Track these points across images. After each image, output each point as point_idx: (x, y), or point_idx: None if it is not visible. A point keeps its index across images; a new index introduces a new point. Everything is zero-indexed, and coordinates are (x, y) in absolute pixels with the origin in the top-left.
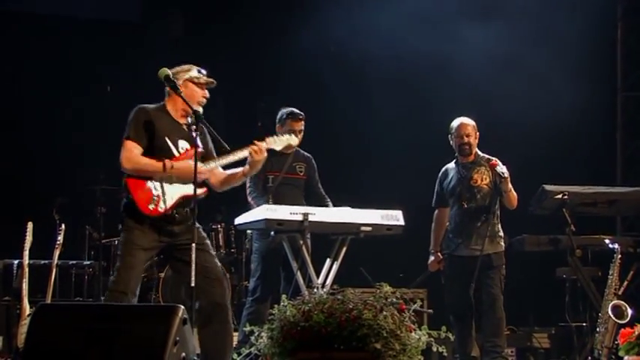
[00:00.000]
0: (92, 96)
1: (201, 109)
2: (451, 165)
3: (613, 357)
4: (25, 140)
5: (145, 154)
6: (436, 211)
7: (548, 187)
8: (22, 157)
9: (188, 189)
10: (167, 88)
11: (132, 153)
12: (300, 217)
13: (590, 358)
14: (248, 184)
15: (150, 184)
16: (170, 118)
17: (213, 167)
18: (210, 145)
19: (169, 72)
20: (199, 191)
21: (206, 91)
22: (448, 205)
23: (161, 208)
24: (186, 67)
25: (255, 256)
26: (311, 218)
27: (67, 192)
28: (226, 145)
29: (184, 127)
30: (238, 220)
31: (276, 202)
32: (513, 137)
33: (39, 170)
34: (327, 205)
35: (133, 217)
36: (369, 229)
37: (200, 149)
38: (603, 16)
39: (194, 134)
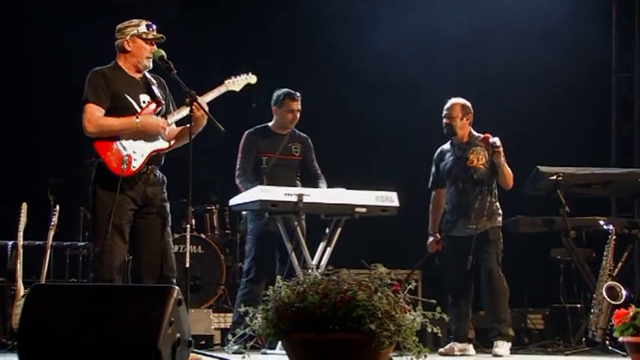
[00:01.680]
0: (85, 77)
1: (162, 53)
2: (446, 146)
3: (607, 338)
4: (19, 121)
5: (107, 114)
6: (433, 193)
7: (542, 169)
8: (16, 138)
9: (158, 144)
10: (118, 43)
11: (93, 115)
12: (294, 198)
13: (584, 339)
14: (237, 166)
15: (118, 144)
16: (125, 75)
17: (171, 122)
18: (170, 97)
19: (163, 53)
20: (165, 145)
21: (154, 46)
22: (445, 186)
23: (134, 167)
24: (135, 21)
25: (249, 237)
26: (305, 199)
27: (62, 173)
28: (190, 92)
29: (140, 80)
30: (233, 201)
31: (270, 183)
32: (508, 118)
33: (33, 151)
34: (319, 184)
35: (106, 187)
36: (363, 210)
37: (162, 103)
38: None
39: (155, 90)
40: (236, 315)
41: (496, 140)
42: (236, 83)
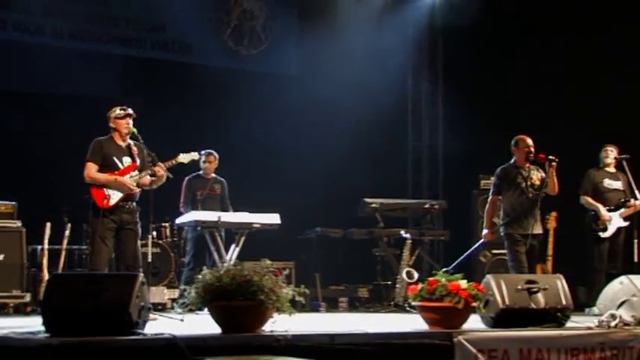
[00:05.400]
0: (89, 142)
1: (134, 130)
2: (509, 167)
3: (407, 303)
4: (46, 168)
5: (101, 168)
6: (494, 198)
7: (366, 200)
8: (42, 179)
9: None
10: (110, 124)
11: (90, 170)
12: (216, 218)
13: (392, 303)
14: (182, 200)
15: (104, 188)
16: (115, 144)
17: (142, 176)
18: (146, 158)
19: (134, 130)
20: (136, 191)
21: (127, 120)
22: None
23: (111, 202)
24: (113, 108)
25: (189, 242)
26: (223, 219)
27: (72, 202)
28: (152, 154)
29: (125, 148)
30: (178, 220)
31: (203, 209)
32: (344, 165)
33: (54, 188)
34: (230, 211)
35: (95, 213)
36: (258, 225)
37: (137, 164)
38: (397, 90)
39: (134, 154)
40: (180, 291)
41: (553, 157)
42: (185, 158)
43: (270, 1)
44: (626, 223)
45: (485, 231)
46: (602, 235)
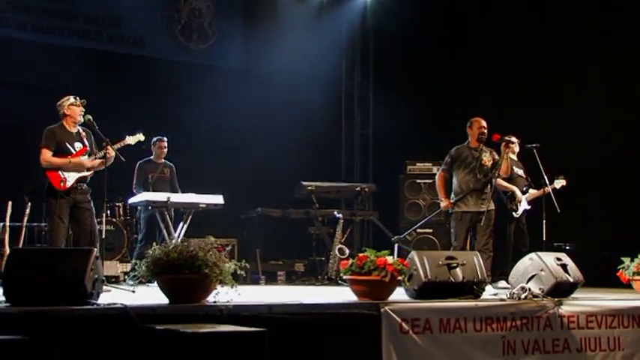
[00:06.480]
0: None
1: (89, 117)
2: (462, 147)
3: (338, 277)
4: (11, 153)
5: (55, 153)
6: (442, 174)
7: (304, 183)
8: (6, 162)
9: (82, 173)
10: (61, 112)
11: (45, 155)
12: (165, 199)
13: (326, 276)
14: (134, 182)
15: (59, 172)
16: (67, 130)
17: (92, 159)
18: (93, 143)
19: (90, 116)
20: (87, 173)
21: (81, 108)
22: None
23: (68, 184)
24: (67, 97)
25: (142, 221)
26: (172, 200)
27: (32, 183)
28: (106, 140)
29: (75, 134)
30: (131, 200)
31: (153, 190)
32: (287, 155)
33: (16, 169)
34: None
35: (52, 195)
36: (204, 205)
37: (87, 148)
38: (332, 82)
39: (84, 139)
40: (132, 265)
41: (512, 139)
42: (132, 140)
43: (216, 1)
44: (529, 207)
45: (443, 202)
46: (515, 214)
